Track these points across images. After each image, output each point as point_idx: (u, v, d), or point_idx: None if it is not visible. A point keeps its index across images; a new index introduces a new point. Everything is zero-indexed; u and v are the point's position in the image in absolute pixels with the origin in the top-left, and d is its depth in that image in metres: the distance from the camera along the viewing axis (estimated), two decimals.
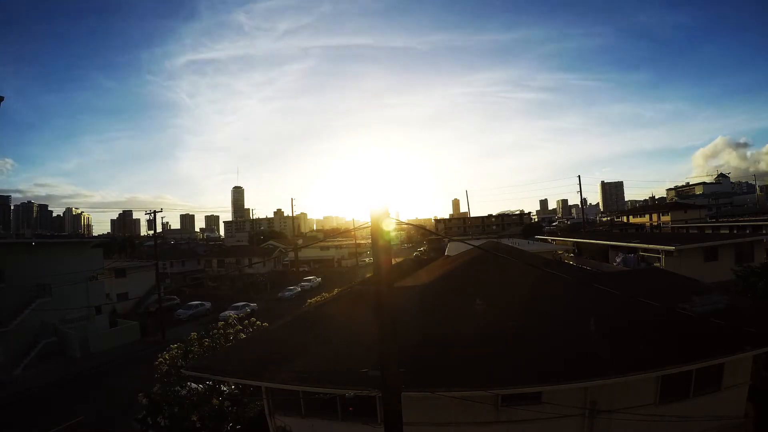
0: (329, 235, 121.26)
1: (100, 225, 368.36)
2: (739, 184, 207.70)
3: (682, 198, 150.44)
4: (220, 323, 15.98)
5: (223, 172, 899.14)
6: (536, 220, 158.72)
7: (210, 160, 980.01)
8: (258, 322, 16.63)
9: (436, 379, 8.57)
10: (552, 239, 51.30)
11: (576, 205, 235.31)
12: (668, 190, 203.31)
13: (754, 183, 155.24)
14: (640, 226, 76.02)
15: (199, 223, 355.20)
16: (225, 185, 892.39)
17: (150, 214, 38.89)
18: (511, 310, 11.11)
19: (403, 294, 12.17)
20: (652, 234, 53.90)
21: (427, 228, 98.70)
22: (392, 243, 7.59)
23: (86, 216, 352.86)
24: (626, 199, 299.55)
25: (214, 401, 12.49)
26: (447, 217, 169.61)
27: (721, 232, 49.00)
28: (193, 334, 15.49)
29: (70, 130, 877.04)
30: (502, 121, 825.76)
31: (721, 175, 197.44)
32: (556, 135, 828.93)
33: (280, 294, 49.86)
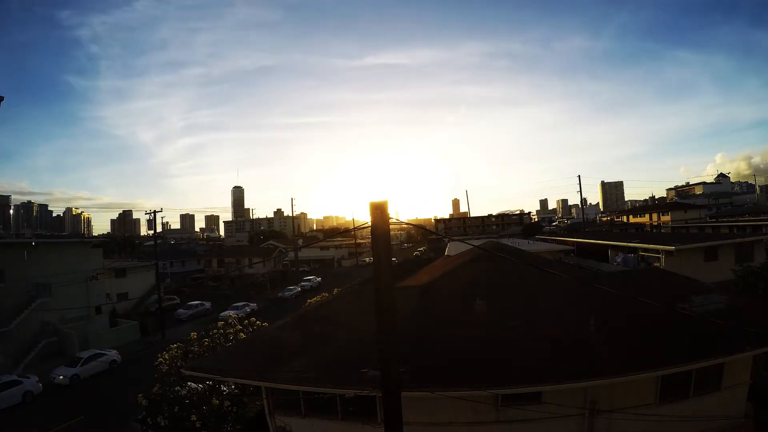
0: (329, 235, 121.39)
1: (100, 225, 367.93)
2: (739, 184, 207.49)
3: (682, 198, 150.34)
4: (220, 323, 15.99)
5: (192, 131, 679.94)
6: (536, 219, 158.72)
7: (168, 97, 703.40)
8: (258, 322, 16.64)
9: (436, 379, 8.57)
10: (552, 239, 51.31)
11: (576, 205, 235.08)
12: (668, 190, 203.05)
13: (754, 183, 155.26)
14: (640, 226, 75.95)
15: (199, 223, 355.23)
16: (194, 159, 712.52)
17: (150, 214, 38.91)
18: (511, 310, 11.11)
19: (403, 294, 12.16)
20: (652, 234, 53.87)
21: (427, 228, 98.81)
22: (392, 242, 7.55)
23: (86, 216, 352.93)
24: (626, 199, 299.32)
25: (214, 401, 12.49)
26: (447, 217, 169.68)
27: (721, 232, 49.04)
28: (193, 334, 15.51)
29: None
30: (503, 120, 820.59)
31: (721, 175, 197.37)
32: (557, 135, 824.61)
33: (280, 294, 49.87)
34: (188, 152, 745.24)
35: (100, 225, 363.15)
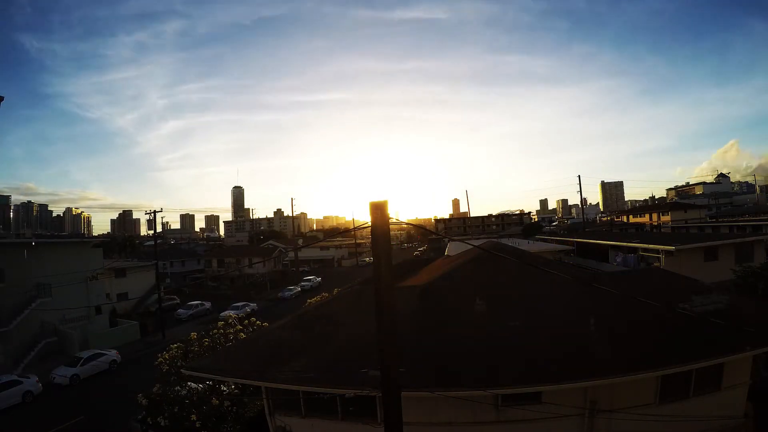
0: (329, 235, 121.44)
1: (100, 225, 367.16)
2: (739, 183, 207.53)
3: (682, 198, 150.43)
4: (220, 323, 15.99)
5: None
6: (536, 219, 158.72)
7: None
8: (258, 322, 16.64)
9: (436, 379, 8.58)
10: (552, 239, 51.33)
11: (576, 205, 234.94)
12: (668, 190, 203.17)
13: (754, 183, 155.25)
14: (640, 226, 75.93)
15: (199, 223, 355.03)
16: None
17: (150, 214, 38.92)
18: (511, 310, 11.11)
19: (403, 294, 12.17)
20: (652, 234, 53.86)
21: (427, 228, 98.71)
22: (392, 242, 7.56)
23: (86, 216, 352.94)
24: (626, 199, 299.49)
25: (214, 401, 12.48)
26: (447, 217, 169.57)
27: (721, 232, 49.00)
28: (193, 334, 15.51)
29: None
30: (503, 119, 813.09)
31: (721, 175, 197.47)
32: (557, 135, 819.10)
33: (280, 294, 49.86)
34: (177, 139, 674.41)
35: (100, 225, 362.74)
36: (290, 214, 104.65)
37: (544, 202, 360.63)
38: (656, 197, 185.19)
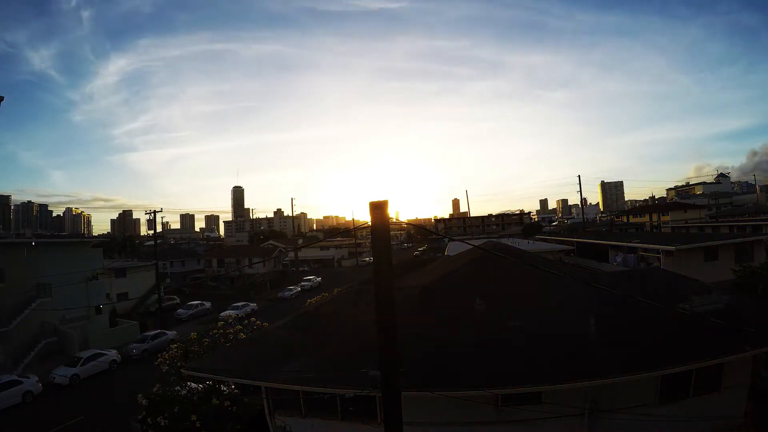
0: (329, 235, 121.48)
1: (100, 225, 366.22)
2: (739, 183, 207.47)
3: (682, 198, 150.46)
4: (220, 323, 15.98)
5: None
6: (536, 219, 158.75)
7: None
8: (258, 322, 16.64)
9: (436, 379, 8.58)
10: (552, 239, 51.34)
11: (576, 205, 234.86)
12: (668, 190, 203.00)
13: (754, 183, 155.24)
14: (640, 226, 75.94)
15: (199, 223, 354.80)
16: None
17: (150, 214, 38.94)
18: (510, 310, 11.11)
19: (403, 294, 12.17)
20: (652, 234, 53.87)
21: (427, 228, 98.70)
22: (392, 242, 7.57)
23: (86, 216, 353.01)
24: (626, 199, 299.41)
25: (214, 401, 12.48)
26: (447, 217, 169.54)
27: (721, 232, 48.99)
28: (193, 334, 15.51)
29: None
30: (503, 120, 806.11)
31: (721, 175, 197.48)
32: (557, 134, 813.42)
33: (280, 294, 49.84)
34: (137, 92, 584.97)
35: (100, 225, 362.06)
36: (290, 214, 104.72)
37: (544, 202, 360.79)
38: (656, 197, 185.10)
